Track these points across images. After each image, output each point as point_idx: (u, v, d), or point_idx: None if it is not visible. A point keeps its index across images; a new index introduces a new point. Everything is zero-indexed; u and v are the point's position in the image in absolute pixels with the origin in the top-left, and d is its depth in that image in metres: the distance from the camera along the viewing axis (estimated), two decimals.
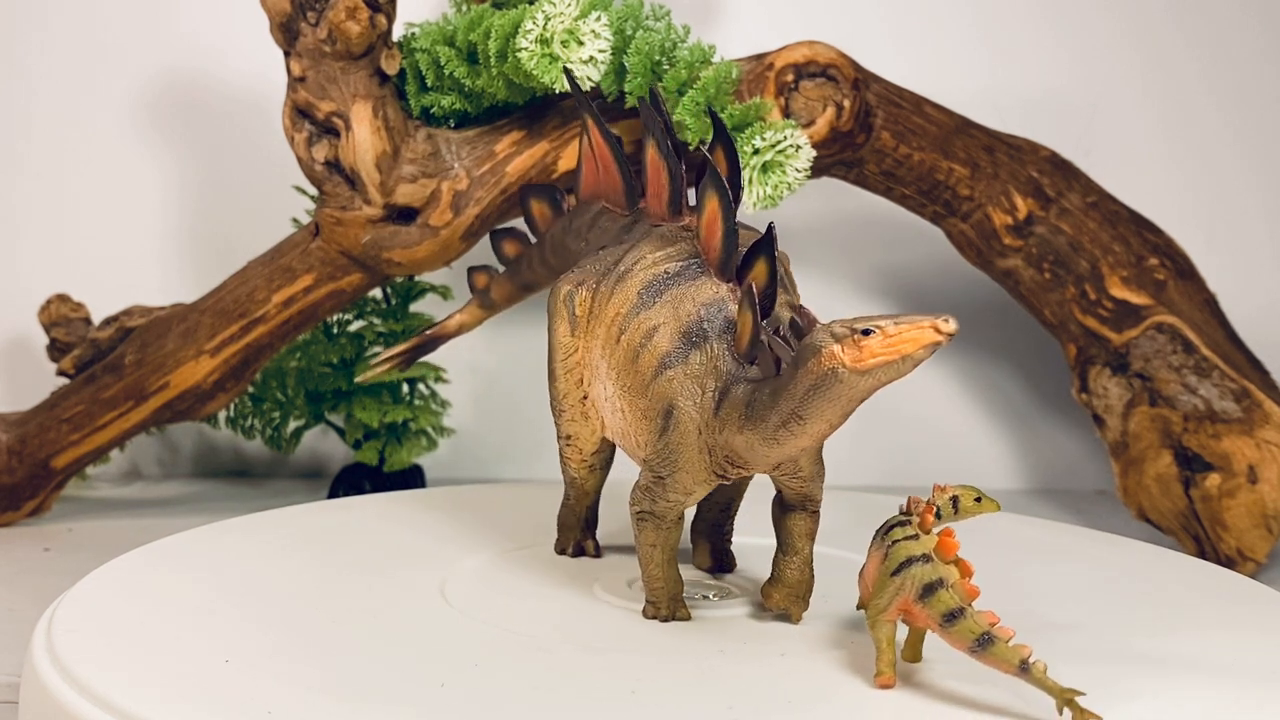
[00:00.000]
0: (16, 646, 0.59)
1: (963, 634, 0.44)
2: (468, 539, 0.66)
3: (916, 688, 0.47)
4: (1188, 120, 1.06)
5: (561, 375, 0.59)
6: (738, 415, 0.49)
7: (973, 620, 0.44)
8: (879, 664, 0.47)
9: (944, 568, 0.45)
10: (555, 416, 0.60)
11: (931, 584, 0.45)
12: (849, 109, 0.80)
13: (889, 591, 0.46)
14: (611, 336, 0.55)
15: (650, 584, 0.55)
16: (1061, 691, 0.43)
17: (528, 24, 0.72)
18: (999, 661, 0.44)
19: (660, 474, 0.53)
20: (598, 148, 0.62)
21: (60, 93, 1.05)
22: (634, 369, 0.53)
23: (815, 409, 0.47)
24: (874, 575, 0.47)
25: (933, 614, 0.45)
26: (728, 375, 0.50)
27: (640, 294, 0.54)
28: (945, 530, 0.47)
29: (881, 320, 0.45)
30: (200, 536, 0.66)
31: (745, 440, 0.50)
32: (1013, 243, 0.86)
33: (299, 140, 0.78)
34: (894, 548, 0.46)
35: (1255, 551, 0.79)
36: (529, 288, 0.71)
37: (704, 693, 0.47)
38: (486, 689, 0.46)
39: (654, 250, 0.55)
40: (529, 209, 0.68)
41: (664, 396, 0.52)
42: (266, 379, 0.96)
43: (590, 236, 0.62)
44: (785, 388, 0.47)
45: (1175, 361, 0.82)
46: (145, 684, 0.46)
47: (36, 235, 1.05)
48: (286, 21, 0.76)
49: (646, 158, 0.58)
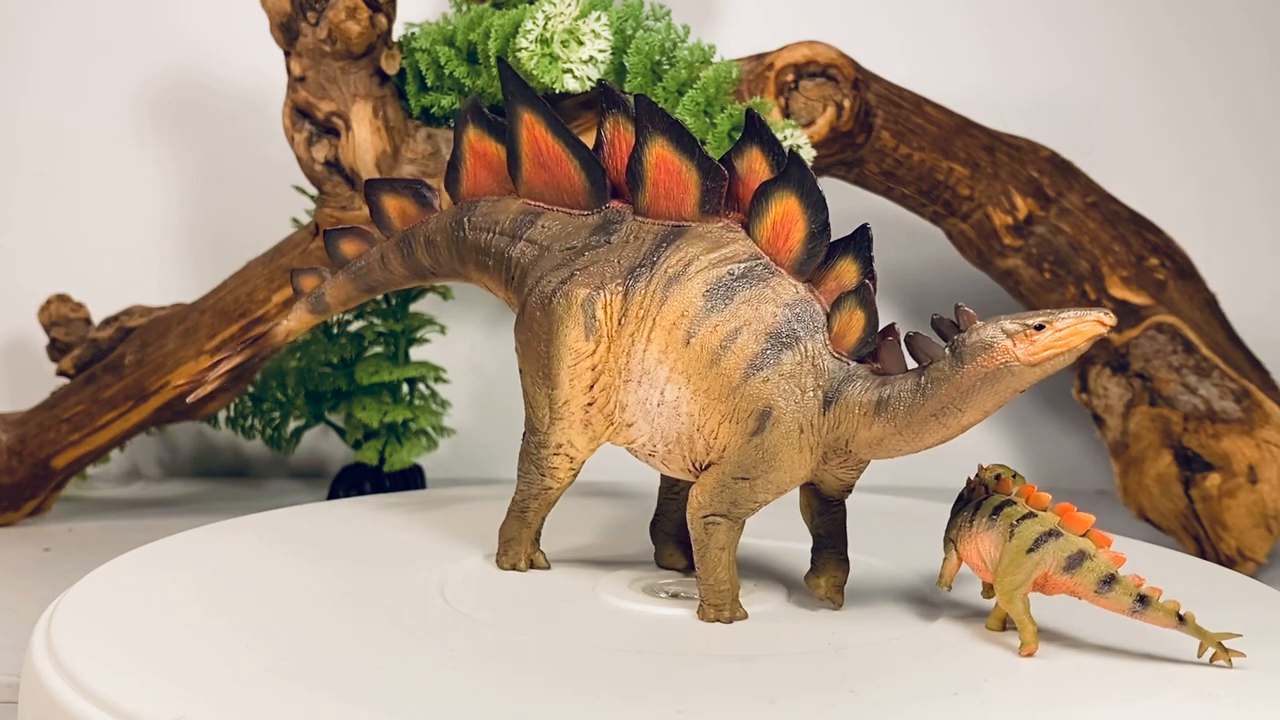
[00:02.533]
0: (16, 646, 0.59)
1: (1119, 597, 0.49)
2: (468, 539, 0.66)
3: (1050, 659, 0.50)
4: (1188, 120, 1.06)
5: (566, 381, 0.57)
6: (863, 411, 0.51)
7: (1126, 584, 0.49)
8: (1023, 635, 0.50)
9: (1079, 540, 0.50)
10: (543, 425, 0.58)
11: (1075, 556, 0.49)
12: (849, 109, 0.80)
13: (1026, 567, 0.50)
14: (676, 340, 0.54)
15: (717, 586, 0.55)
16: (1218, 637, 0.49)
17: (528, 24, 0.72)
18: (1158, 618, 0.49)
19: (748, 475, 0.53)
20: (542, 143, 0.59)
21: (61, 93, 1.05)
22: (714, 372, 0.53)
23: (977, 401, 0.50)
24: (995, 554, 0.51)
25: (1084, 582, 0.49)
26: (831, 374, 0.52)
27: (707, 296, 0.54)
28: (1064, 506, 0.50)
29: (1047, 315, 0.49)
30: (200, 537, 0.66)
31: (876, 434, 0.52)
32: (1013, 243, 0.86)
33: (299, 140, 0.78)
34: (1020, 526, 0.50)
35: (1255, 551, 0.79)
36: (375, 289, 0.66)
37: (747, 685, 0.47)
38: (487, 689, 0.46)
39: (707, 251, 0.55)
40: (380, 204, 0.64)
41: (758, 399, 0.52)
42: (266, 379, 0.96)
43: (533, 236, 0.59)
44: (944, 381, 0.50)
45: (1175, 361, 0.82)
46: (145, 684, 0.46)
47: (36, 235, 1.06)
48: (286, 21, 0.76)
49: (648, 157, 0.56)
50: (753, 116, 0.55)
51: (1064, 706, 0.46)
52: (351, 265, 0.66)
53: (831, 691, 0.47)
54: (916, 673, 0.49)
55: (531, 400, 0.59)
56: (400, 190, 0.64)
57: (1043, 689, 0.47)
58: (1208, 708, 0.46)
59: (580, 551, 0.66)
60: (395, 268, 0.65)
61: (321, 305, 0.67)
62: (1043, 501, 0.51)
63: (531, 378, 0.58)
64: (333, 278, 0.66)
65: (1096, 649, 0.51)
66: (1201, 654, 0.49)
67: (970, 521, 0.52)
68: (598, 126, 0.59)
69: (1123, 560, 0.50)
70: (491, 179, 0.62)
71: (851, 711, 0.45)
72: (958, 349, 0.50)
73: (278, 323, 0.67)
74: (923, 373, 0.51)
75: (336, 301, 0.67)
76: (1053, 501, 0.52)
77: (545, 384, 0.57)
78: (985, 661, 0.50)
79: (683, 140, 0.55)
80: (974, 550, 0.52)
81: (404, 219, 0.64)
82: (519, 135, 0.59)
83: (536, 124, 0.59)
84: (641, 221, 0.57)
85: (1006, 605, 0.51)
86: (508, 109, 0.59)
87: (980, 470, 0.54)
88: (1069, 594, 0.50)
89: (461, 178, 0.62)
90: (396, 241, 0.65)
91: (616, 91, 0.58)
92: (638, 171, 0.57)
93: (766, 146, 0.55)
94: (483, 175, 0.62)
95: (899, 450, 0.52)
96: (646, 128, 0.56)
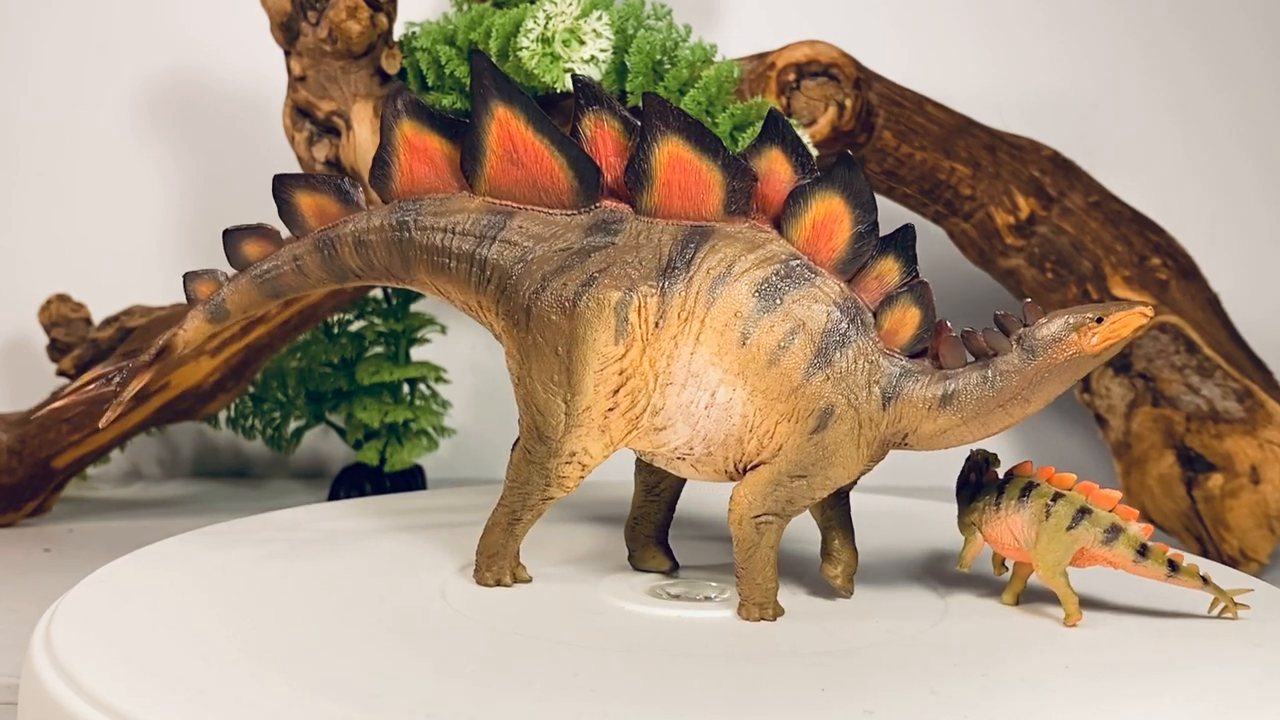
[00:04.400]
0: (16, 646, 0.59)
1: (1153, 566, 0.54)
2: (468, 540, 0.66)
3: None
4: (1190, 119, 1.06)
5: (590, 387, 0.55)
6: (928, 406, 0.54)
7: (1157, 553, 0.54)
8: (1067, 608, 0.54)
9: (1110, 515, 0.54)
10: (556, 432, 0.56)
11: (1110, 530, 0.54)
12: (851, 108, 0.80)
13: (1066, 544, 0.54)
14: (729, 341, 0.54)
15: (764, 585, 0.55)
16: (1232, 594, 0.55)
17: (529, 23, 0.71)
18: (1188, 580, 0.54)
19: (805, 473, 0.54)
20: (517, 139, 0.56)
21: (61, 93, 1.05)
22: (773, 372, 0.53)
23: (1044, 390, 0.54)
24: (1029, 534, 0.55)
25: (1123, 554, 0.54)
26: (887, 371, 0.54)
27: (758, 296, 0.54)
28: (1086, 484, 0.55)
29: (1101, 308, 0.54)
30: (200, 538, 0.66)
31: (941, 426, 0.54)
32: (1015, 242, 0.86)
33: (299, 140, 0.78)
34: (1056, 506, 0.54)
35: (1258, 552, 0.79)
36: (284, 294, 0.61)
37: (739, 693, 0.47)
38: (487, 690, 0.46)
39: (745, 251, 0.54)
40: (293, 202, 0.59)
41: (819, 397, 0.53)
42: (266, 379, 0.96)
43: (508, 237, 0.56)
44: (1014, 373, 0.54)
45: (1178, 361, 0.82)
46: (144, 685, 0.46)
47: (36, 235, 1.05)
48: (287, 21, 0.76)
49: (657, 155, 0.55)
50: (775, 117, 0.55)
51: (1066, 707, 0.46)
52: (255, 269, 0.60)
53: (847, 693, 0.47)
54: (918, 671, 0.49)
55: (541, 407, 0.56)
56: (318, 186, 0.59)
57: (1043, 688, 0.47)
58: (1210, 706, 0.46)
59: (579, 552, 0.66)
60: (312, 271, 0.60)
61: (221, 312, 0.60)
62: (1067, 481, 0.55)
63: (542, 384, 0.56)
64: (232, 282, 0.60)
65: (1096, 652, 0.51)
66: (1212, 610, 0.55)
67: (996, 504, 0.56)
68: (574, 122, 0.57)
69: (1150, 531, 0.54)
70: (432, 175, 0.58)
71: (869, 711, 0.45)
72: (1027, 343, 0.54)
73: (174, 332, 0.61)
74: (988, 366, 0.54)
75: (238, 308, 0.61)
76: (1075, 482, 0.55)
77: (562, 390, 0.55)
78: (988, 656, 0.50)
79: (704, 139, 0.54)
80: (1005, 531, 0.56)
81: (321, 218, 0.59)
82: (485, 130, 0.56)
83: (513, 119, 0.56)
84: (650, 221, 0.56)
85: (1049, 581, 0.54)
86: (477, 102, 0.56)
87: (974, 452, 0.58)
88: (1106, 565, 0.54)
89: (394, 174, 0.58)
90: (314, 242, 0.59)
91: (596, 86, 0.56)
92: (643, 170, 0.55)
93: (790, 147, 0.55)
94: (420, 171, 0.58)
95: (961, 440, 0.55)
96: (658, 126, 0.55)
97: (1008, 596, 0.57)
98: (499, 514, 0.59)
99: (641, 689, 0.47)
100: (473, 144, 0.57)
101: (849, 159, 0.54)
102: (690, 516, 0.69)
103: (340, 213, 0.59)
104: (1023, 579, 0.57)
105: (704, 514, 0.71)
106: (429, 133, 0.57)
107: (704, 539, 0.68)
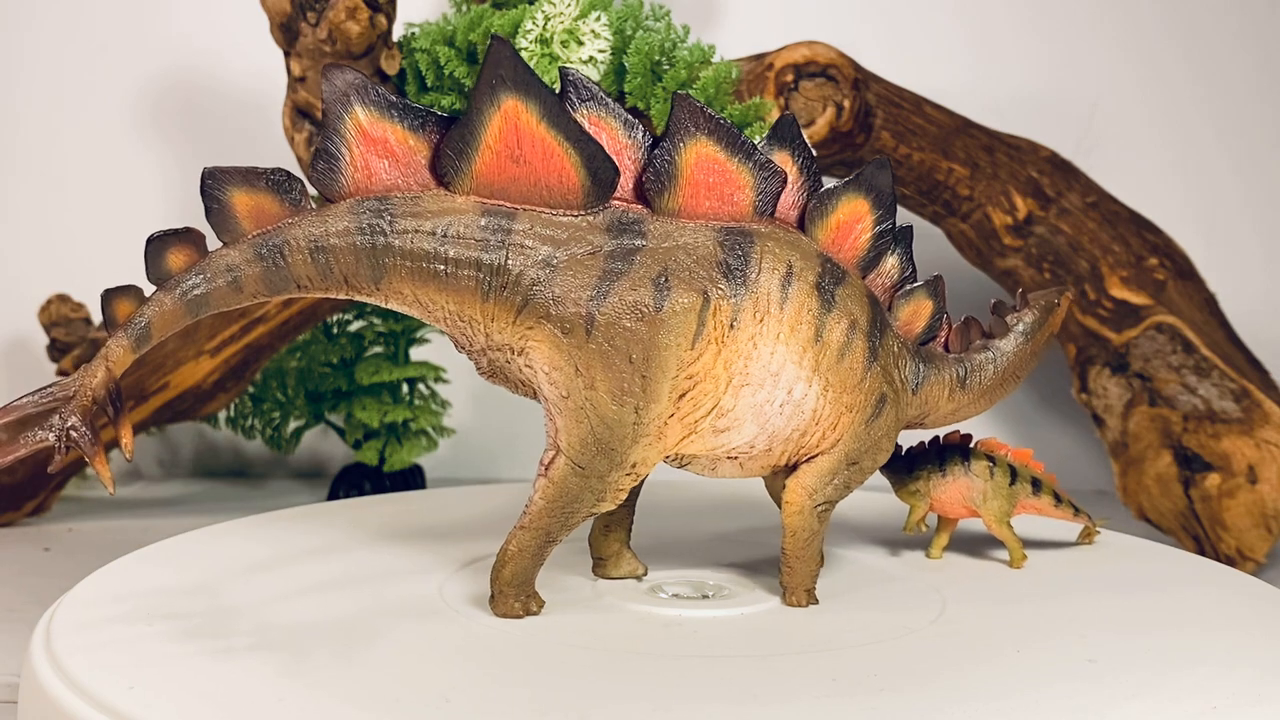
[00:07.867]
0: (16, 647, 0.59)
1: (1065, 507, 0.65)
2: (468, 539, 0.66)
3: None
4: (1187, 120, 1.06)
5: (665, 395, 0.52)
6: (949, 388, 0.60)
7: (1065, 498, 0.65)
8: (1014, 554, 0.63)
9: (1033, 470, 0.64)
10: (622, 444, 0.53)
11: (1035, 481, 0.64)
12: (849, 109, 0.80)
13: (1008, 497, 0.63)
14: (805, 338, 0.54)
15: (811, 570, 0.58)
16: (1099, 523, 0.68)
17: (527, 24, 0.72)
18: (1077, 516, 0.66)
19: (859, 459, 0.57)
20: (525, 134, 0.51)
21: (60, 93, 1.05)
22: (842, 366, 0.55)
23: (1030, 364, 0.64)
24: (974, 493, 0.63)
25: (1045, 500, 0.64)
26: (911, 358, 0.59)
27: (818, 294, 0.55)
28: (1019, 450, 0.64)
29: (1046, 294, 0.65)
30: (200, 537, 0.66)
31: (955, 404, 0.61)
32: (1012, 243, 0.86)
33: (299, 140, 0.78)
34: (996, 467, 0.63)
35: (1255, 551, 0.79)
36: (213, 308, 0.52)
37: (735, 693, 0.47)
38: (488, 690, 0.46)
39: (789, 251, 0.54)
40: (226, 201, 0.51)
41: (877, 388, 0.56)
42: (266, 379, 0.96)
43: (519, 241, 0.52)
44: (1013, 353, 0.63)
45: (1175, 361, 0.82)
46: (144, 685, 0.46)
47: (36, 235, 1.06)
48: (286, 21, 0.76)
49: (684, 155, 0.53)
50: (790, 121, 0.56)
51: (1072, 696, 0.46)
52: (179, 284, 0.50)
53: (841, 689, 0.47)
54: (917, 671, 0.49)
55: (606, 418, 0.52)
56: (256, 183, 0.51)
57: (1042, 686, 0.47)
58: (1209, 704, 0.46)
59: (577, 551, 0.66)
60: (248, 284, 0.51)
61: (145, 337, 0.51)
62: (1002, 448, 0.64)
63: (611, 394, 0.52)
64: (154, 300, 0.51)
65: (1098, 647, 0.52)
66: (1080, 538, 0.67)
67: (942, 472, 0.64)
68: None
69: (1054, 478, 0.65)
70: (395, 170, 0.51)
71: (860, 708, 0.45)
72: (1021, 326, 0.63)
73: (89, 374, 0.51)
74: (988, 348, 0.62)
75: (162, 329, 0.51)
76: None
77: (634, 399, 0.52)
78: (991, 650, 0.50)
79: (735, 140, 0.53)
80: (954, 494, 0.63)
81: (258, 220, 0.51)
82: (484, 124, 0.51)
83: (523, 113, 0.51)
84: (674, 221, 0.53)
85: (998, 531, 0.63)
86: (485, 93, 0.50)
87: (943, 437, 0.65)
88: (1034, 512, 0.64)
89: (344, 168, 0.51)
90: (254, 250, 0.51)
91: (588, 82, 0.53)
92: (667, 169, 0.53)
93: (797, 151, 0.55)
94: (379, 166, 0.51)
95: (967, 416, 0.62)
96: (687, 126, 0.53)
97: (935, 551, 0.65)
98: (526, 539, 0.54)
99: (651, 684, 0.47)
100: (464, 137, 0.51)
101: (884, 161, 0.56)
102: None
103: (280, 214, 0.51)
104: (948, 533, 0.65)
105: (650, 518, 0.72)
106: (387, 122, 0.51)
107: (662, 542, 0.68)
